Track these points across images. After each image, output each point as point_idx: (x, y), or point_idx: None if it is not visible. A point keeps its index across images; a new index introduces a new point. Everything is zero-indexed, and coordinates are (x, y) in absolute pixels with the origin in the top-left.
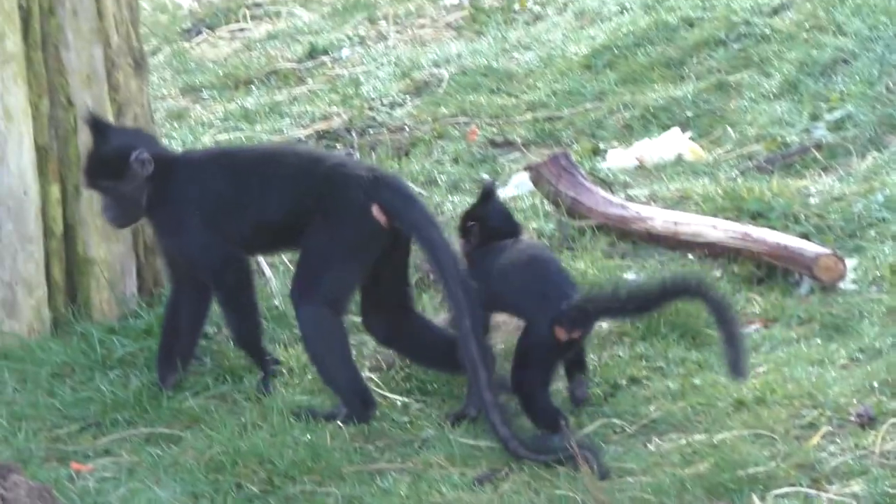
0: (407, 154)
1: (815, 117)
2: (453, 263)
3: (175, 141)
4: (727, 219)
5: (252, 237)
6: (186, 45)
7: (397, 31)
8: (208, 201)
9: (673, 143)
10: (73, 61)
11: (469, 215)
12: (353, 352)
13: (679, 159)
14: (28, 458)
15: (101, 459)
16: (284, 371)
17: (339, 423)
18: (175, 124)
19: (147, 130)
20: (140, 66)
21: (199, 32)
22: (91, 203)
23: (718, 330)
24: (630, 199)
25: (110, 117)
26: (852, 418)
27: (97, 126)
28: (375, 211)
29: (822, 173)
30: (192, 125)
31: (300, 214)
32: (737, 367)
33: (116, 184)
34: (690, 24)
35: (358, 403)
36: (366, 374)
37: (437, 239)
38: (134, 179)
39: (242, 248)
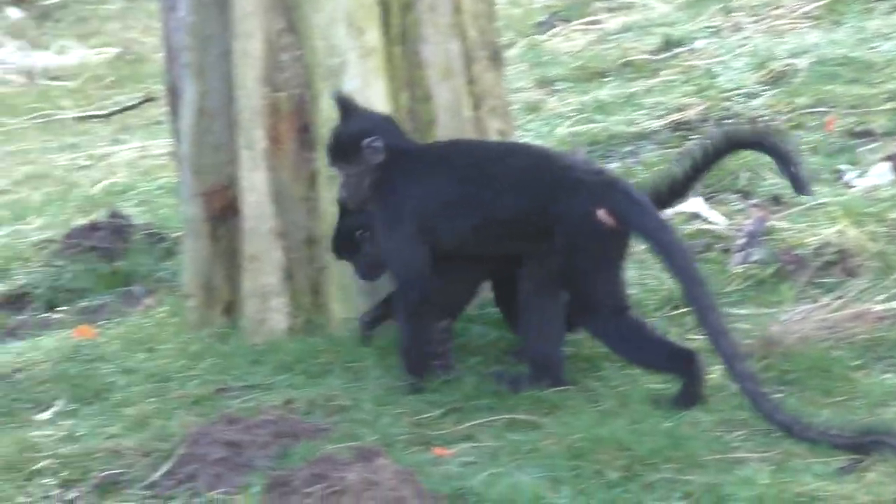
0: None
1: None
2: (690, 265)
3: (530, 133)
4: None
5: (472, 240)
6: (540, 38)
7: (753, 22)
8: (427, 200)
9: None
10: (431, 55)
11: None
12: None
13: None
14: (392, 442)
15: (462, 444)
16: None
17: (691, 411)
18: (530, 116)
19: (390, 118)
20: (496, 59)
21: (552, 26)
22: None
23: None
24: None
25: (467, 110)
26: None
27: (345, 107)
28: (601, 214)
29: None
30: (546, 117)
31: (527, 217)
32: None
33: (348, 167)
34: None
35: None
36: None
37: (669, 242)
38: (363, 165)
39: (461, 252)
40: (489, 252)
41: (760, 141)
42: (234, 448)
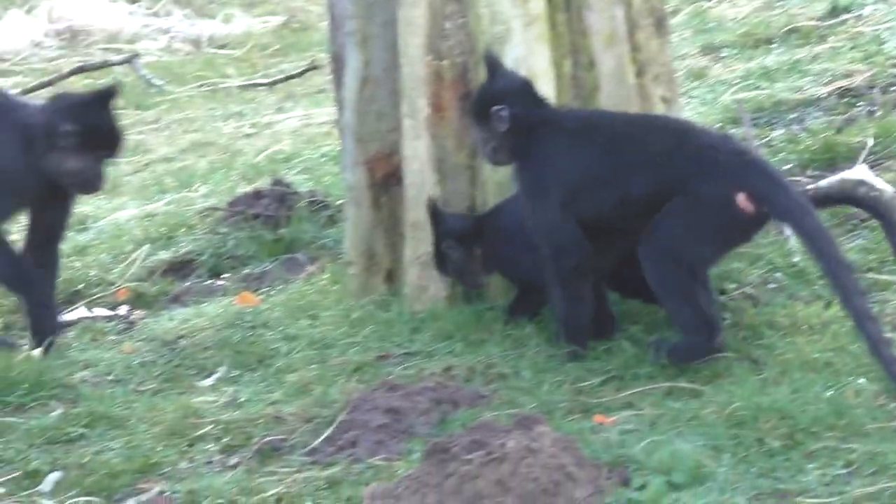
0: None
1: None
2: (833, 248)
3: (694, 100)
4: None
5: (610, 215)
6: (706, 4)
7: None
8: (570, 172)
9: None
10: (596, 22)
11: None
12: None
13: None
14: (552, 409)
15: (623, 412)
16: (806, 327)
17: (858, 381)
18: (695, 83)
19: (528, 83)
20: (661, 25)
21: None
22: None
23: None
24: None
25: (631, 78)
26: None
27: (491, 67)
28: (741, 200)
29: None
30: (711, 84)
31: (662, 194)
32: None
33: (480, 129)
34: None
35: (704, 332)
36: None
37: (812, 225)
38: (491, 130)
39: (596, 225)
40: (623, 227)
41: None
42: (395, 415)
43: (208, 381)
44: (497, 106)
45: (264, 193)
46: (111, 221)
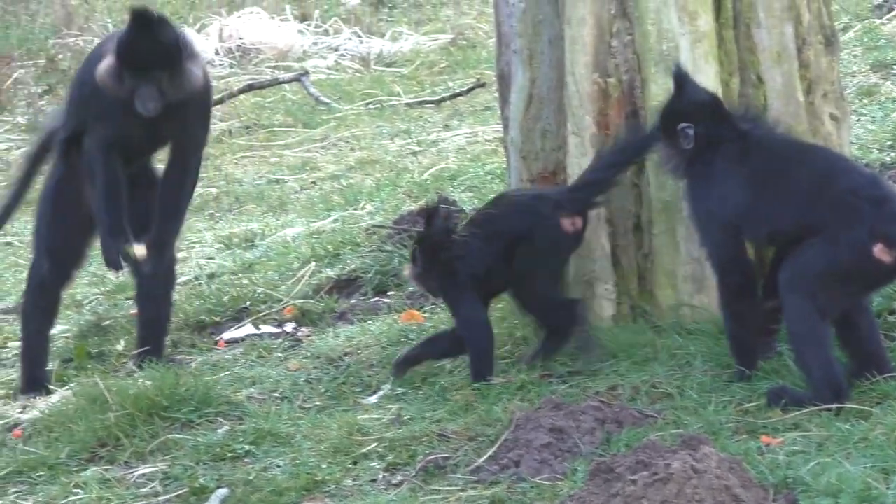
0: None
1: None
2: None
3: (864, 118)
4: None
5: (761, 240)
6: (877, 21)
7: None
8: (737, 195)
9: None
10: (765, 39)
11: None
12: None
13: None
14: (717, 430)
15: (790, 433)
16: None
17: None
18: (865, 101)
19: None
20: (831, 43)
21: (891, 9)
22: None
23: None
24: None
25: (800, 95)
26: None
27: (679, 82)
28: (878, 250)
29: None
30: (881, 102)
31: (806, 232)
32: None
33: (664, 143)
34: None
35: (828, 392)
36: None
37: None
38: (676, 146)
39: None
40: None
41: None
42: (558, 434)
43: (373, 399)
44: (683, 124)
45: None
46: (278, 239)
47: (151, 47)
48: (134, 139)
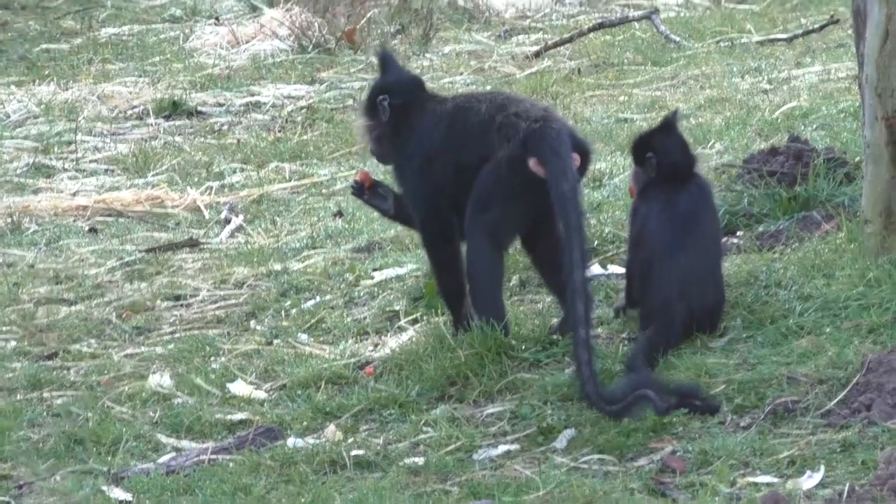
0: None
1: None
2: (578, 218)
3: None
4: None
5: (454, 184)
6: None
7: None
8: (423, 149)
9: None
10: None
11: (646, 144)
12: None
13: None
14: None
15: None
16: None
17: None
18: None
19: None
20: None
21: None
22: None
23: None
24: None
25: None
26: None
27: (383, 63)
28: (532, 164)
29: None
30: None
31: (484, 161)
32: None
33: (368, 121)
34: None
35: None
36: None
37: (566, 192)
38: (379, 121)
39: (452, 196)
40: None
41: None
42: None
43: (721, 341)
44: (381, 96)
45: (780, 150)
46: (626, 178)
47: None
48: None
